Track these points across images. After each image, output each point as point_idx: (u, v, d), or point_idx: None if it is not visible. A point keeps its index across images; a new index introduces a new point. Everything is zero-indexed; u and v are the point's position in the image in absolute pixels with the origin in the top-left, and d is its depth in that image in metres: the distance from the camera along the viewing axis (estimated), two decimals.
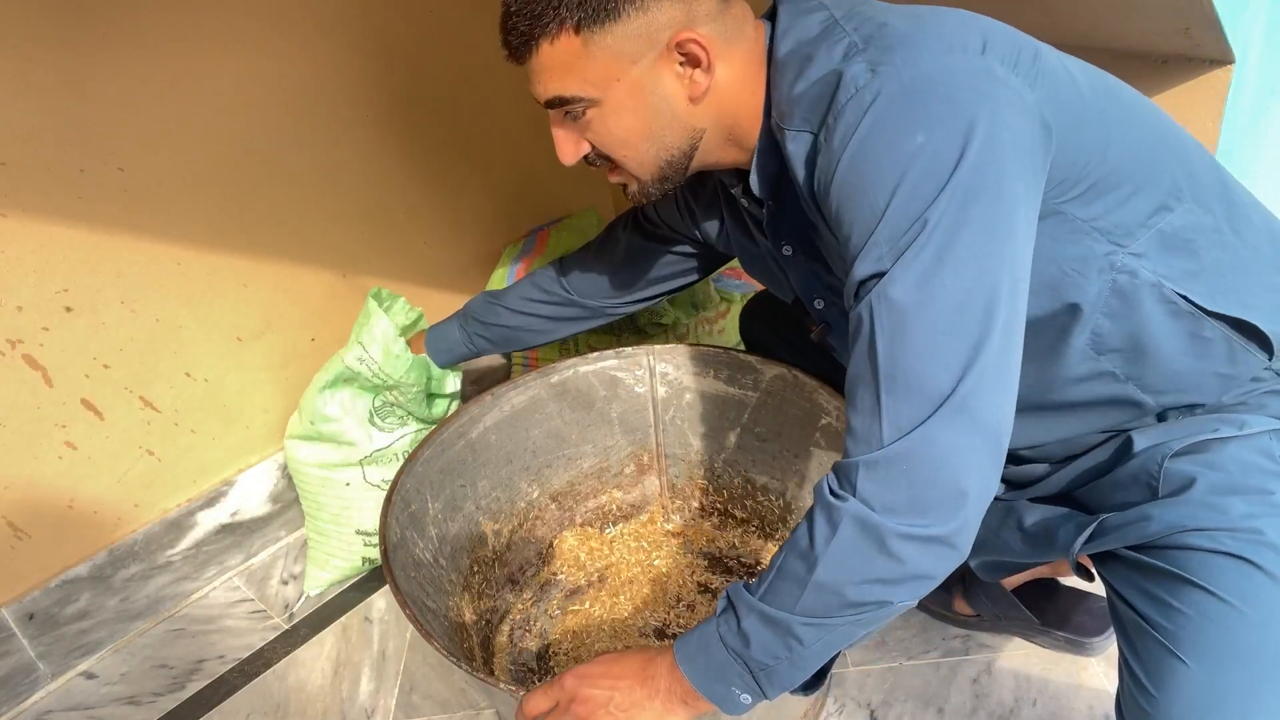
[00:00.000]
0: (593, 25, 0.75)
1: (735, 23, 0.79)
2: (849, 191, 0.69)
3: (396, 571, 1.01)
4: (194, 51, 1.24)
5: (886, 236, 0.66)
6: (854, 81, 0.69)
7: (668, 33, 0.76)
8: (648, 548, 1.41)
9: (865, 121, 0.68)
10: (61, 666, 1.34)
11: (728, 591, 0.76)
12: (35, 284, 1.18)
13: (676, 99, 0.80)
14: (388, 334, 1.29)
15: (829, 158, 0.70)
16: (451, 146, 1.64)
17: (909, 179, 0.66)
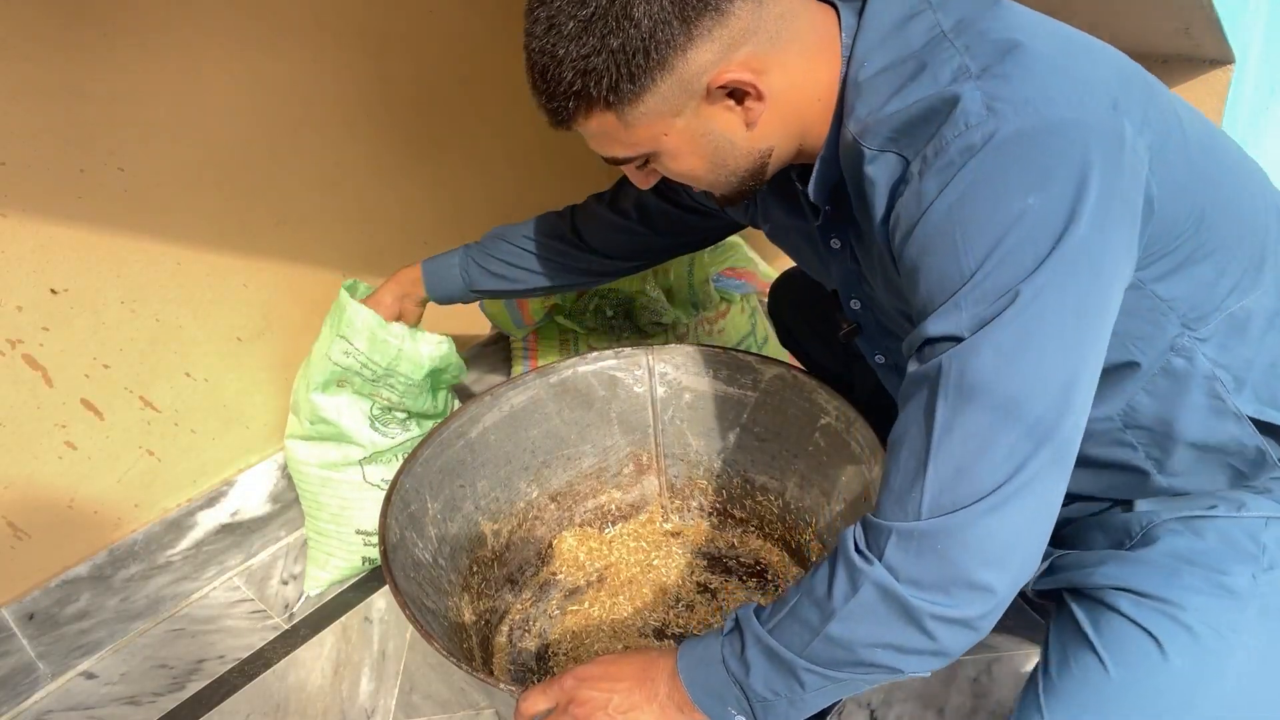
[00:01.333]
0: (621, 103, 0.70)
1: (779, 20, 0.70)
2: (938, 242, 0.63)
3: (396, 571, 1.01)
4: (194, 51, 1.24)
5: (971, 301, 0.61)
6: (965, 116, 0.62)
7: (703, 79, 0.69)
8: (647, 548, 1.41)
9: (971, 168, 0.61)
10: (61, 666, 1.34)
11: (738, 613, 0.74)
12: (35, 284, 1.18)
13: (733, 131, 0.74)
14: (369, 321, 1.27)
15: (919, 198, 0.64)
16: (451, 146, 1.64)
17: (1008, 244, 0.60)
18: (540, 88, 0.73)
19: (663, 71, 0.68)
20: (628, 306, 1.56)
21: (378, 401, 1.37)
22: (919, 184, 0.64)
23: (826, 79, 0.73)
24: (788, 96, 0.73)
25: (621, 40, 0.66)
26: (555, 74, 0.70)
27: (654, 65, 0.67)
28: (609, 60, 0.67)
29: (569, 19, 0.67)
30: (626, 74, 0.67)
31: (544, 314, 1.64)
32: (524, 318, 1.65)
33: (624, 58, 0.66)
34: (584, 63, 0.67)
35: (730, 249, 1.72)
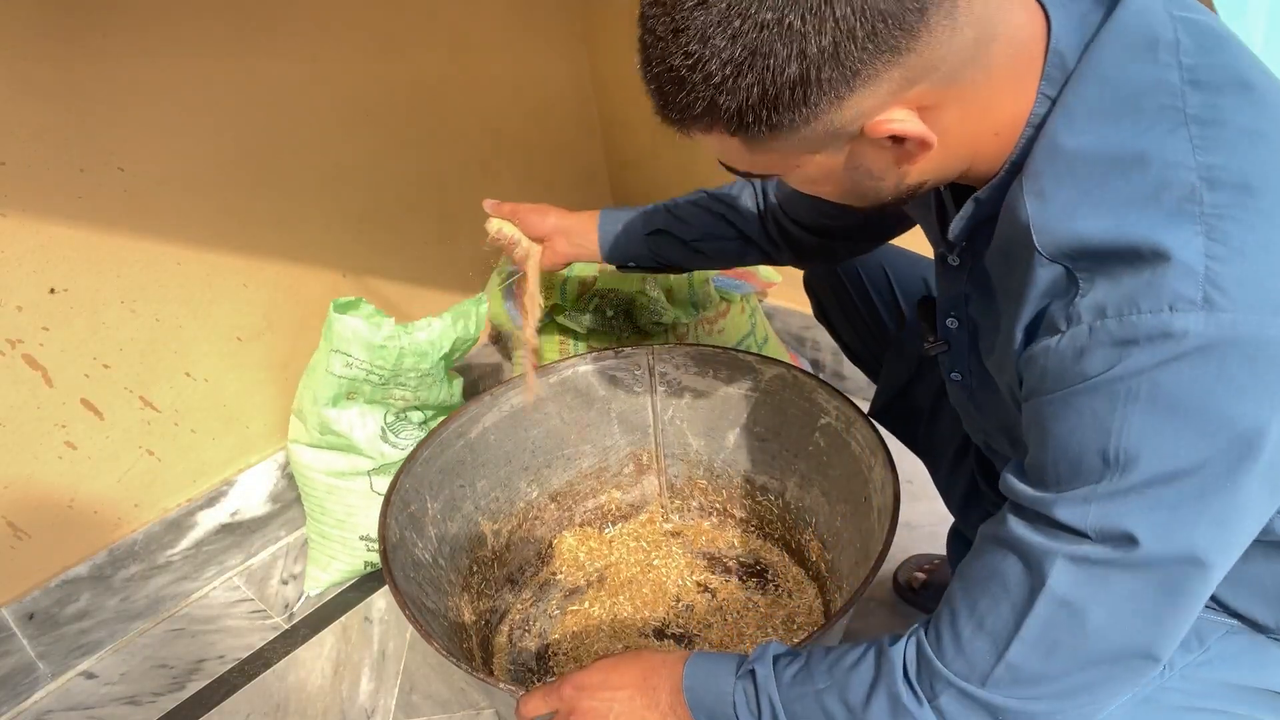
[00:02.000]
0: (749, 137, 0.58)
1: (972, 46, 0.55)
2: (1088, 419, 0.54)
3: (396, 572, 1.01)
4: (194, 52, 1.24)
5: (1103, 502, 0.54)
6: (1173, 294, 0.50)
7: (857, 125, 0.57)
8: (647, 547, 1.41)
9: (1153, 364, 0.51)
10: (61, 666, 1.34)
11: (755, 659, 0.71)
12: (35, 284, 1.18)
13: (883, 169, 0.62)
14: (359, 330, 1.28)
15: (1080, 360, 0.54)
16: (451, 146, 1.64)
17: (1163, 466, 0.52)
18: (654, 94, 0.60)
19: (808, 119, 0.56)
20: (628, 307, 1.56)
21: (392, 407, 1.37)
22: (1086, 341, 0.53)
23: (1012, 112, 0.59)
24: (958, 130, 0.59)
25: (769, 81, 0.53)
26: (674, 95, 0.58)
27: (797, 110, 0.55)
28: (744, 96, 0.55)
29: (699, 38, 0.54)
30: (764, 114, 0.56)
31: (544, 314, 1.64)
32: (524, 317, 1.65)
33: (761, 95, 0.54)
34: (717, 86, 0.55)
35: None
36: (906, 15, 0.51)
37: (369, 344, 1.29)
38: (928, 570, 1.30)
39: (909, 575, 1.31)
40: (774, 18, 0.51)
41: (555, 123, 1.81)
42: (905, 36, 0.52)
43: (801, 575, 1.32)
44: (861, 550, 1.08)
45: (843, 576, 1.17)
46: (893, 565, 1.34)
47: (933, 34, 0.53)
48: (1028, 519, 0.59)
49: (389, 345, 1.29)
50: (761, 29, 0.51)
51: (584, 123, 1.88)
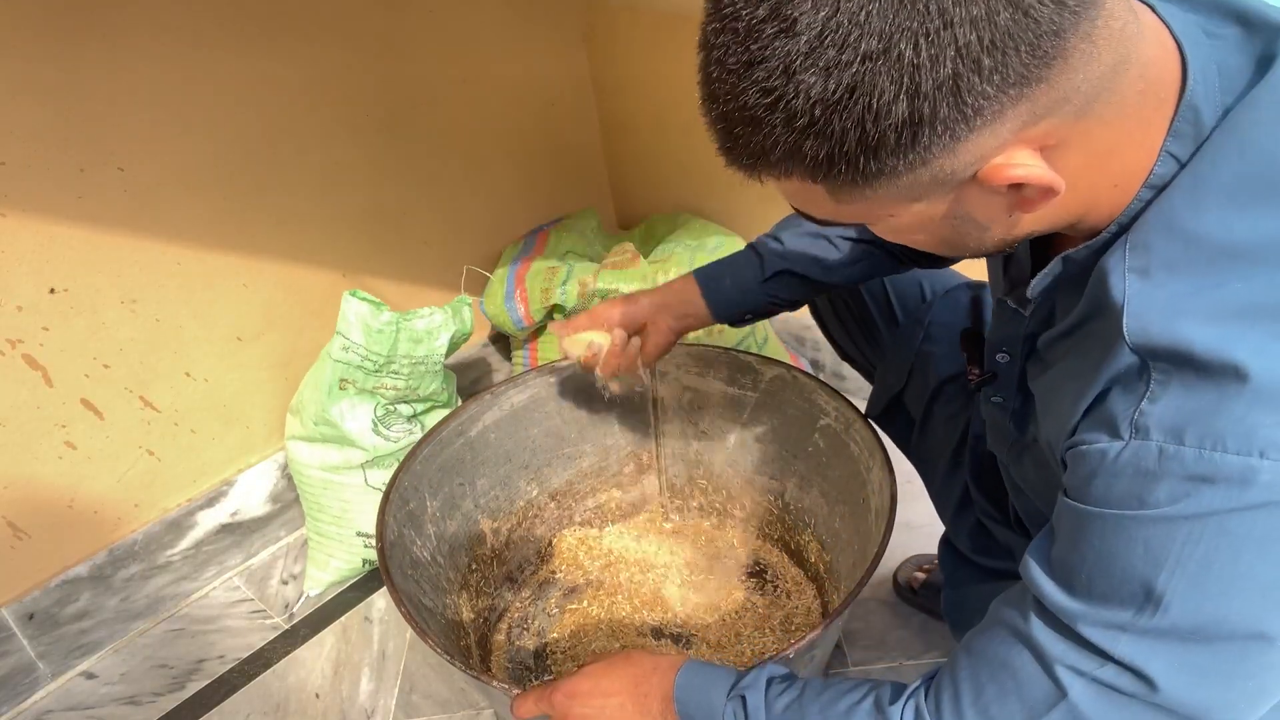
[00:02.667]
0: (836, 185, 0.50)
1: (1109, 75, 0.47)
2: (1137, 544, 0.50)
3: (393, 569, 1.01)
4: (194, 51, 1.24)
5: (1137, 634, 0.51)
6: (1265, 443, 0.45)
7: (970, 170, 0.48)
8: (646, 547, 1.41)
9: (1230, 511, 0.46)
10: (61, 666, 1.34)
11: (749, 685, 0.70)
12: (35, 284, 1.18)
13: (992, 217, 0.53)
14: (360, 313, 1.32)
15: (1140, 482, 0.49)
16: (451, 146, 1.64)
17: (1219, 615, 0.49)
18: (720, 135, 0.51)
19: (913, 165, 0.47)
20: None
21: (382, 398, 1.38)
22: (1155, 465, 0.48)
23: (1133, 163, 0.51)
24: (1078, 177, 0.50)
25: (871, 121, 0.45)
26: (747, 137, 0.49)
27: (901, 160, 0.47)
28: (835, 146, 0.46)
29: (782, 71, 0.44)
30: (859, 164, 0.47)
31: (544, 314, 1.64)
32: (524, 318, 1.65)
33: (858, 146, 0.46)
34: (795, 138, 0.47)
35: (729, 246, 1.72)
36: (1042, 40, 0.43)
37: (367, 327, 1.32)
38: (927, 570, 1.30)
39: (908, 575, 1.31)
40: (880, 46, 0.42)
41: (555, 123, 1.81)
42: (1039, 64, 0.44)
43: (800, 576, 1.32)
44: (860, 551, 1.07)
45: (841, 577, 1.17)
46: (892, 565, 1.34)
47: (1068, 60, 0.45)
48: (1050, 624, 0.55)
49: (386, 330, 1.32)
50: (864, 60, 0.42)
51: (584, 123, 1.88)
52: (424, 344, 1.37)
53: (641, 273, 1.56)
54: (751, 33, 0.45)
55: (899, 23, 0.42)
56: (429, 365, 1.39)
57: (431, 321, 1.37)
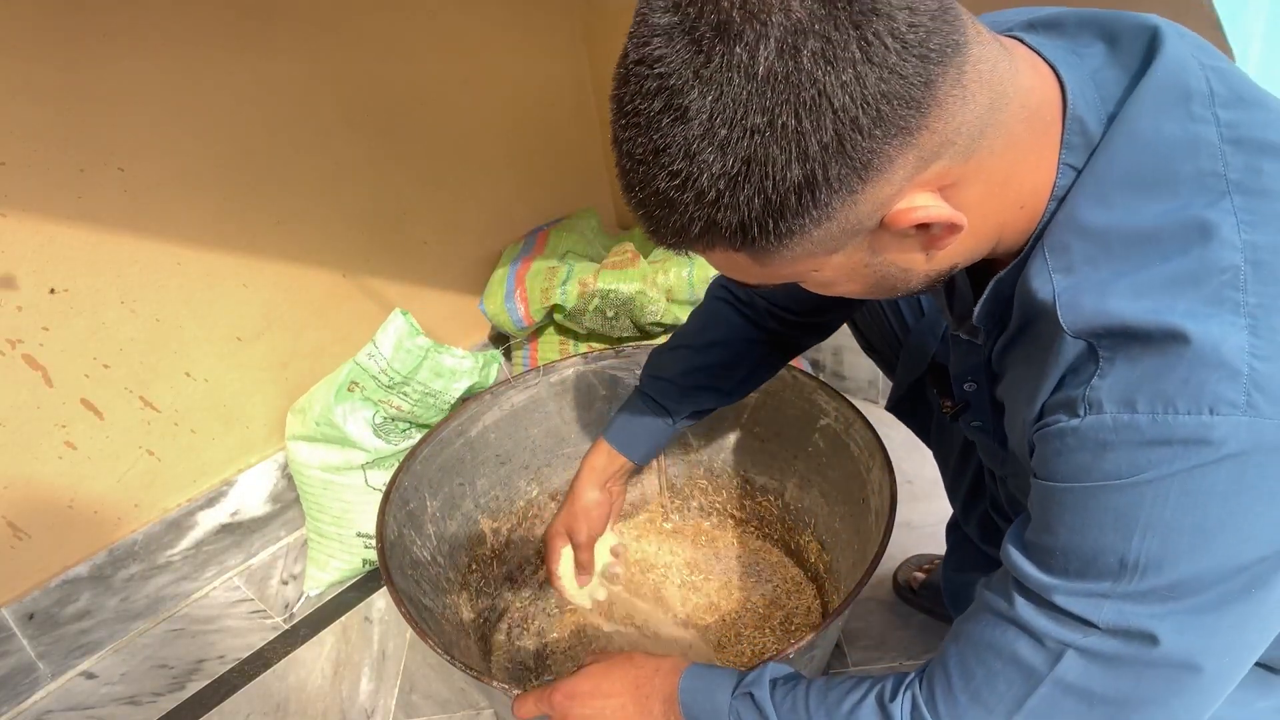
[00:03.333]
0: (754, 251, 0.53)
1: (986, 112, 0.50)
2: (1109, 516, 0.51)
3: (393, 569, 1.01)
4: (194, 51, 1.24)
5: (1117, 600, 0.52)
6: (1214, 400, 0.47)
7: (875, 218, 0.52)
8: (646, 547, 1.41)
9: (1189, 470, 0.48)
10: (61, 666, 1.34)
11: (753, 682, 0.70)
12: (35, 284, 1.18)
13: (909, 260, 0.57)
14: (399, 329, 1.36)
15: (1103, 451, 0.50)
16: (451, 146, 1.64)
17: (1184, 571, 0.50)
18: (643, 220, 0.54)
19: (819, 221, 0.50)
20: (628, 306, 1.56)
21: (383, 409, 1.39)
22: (1111, 436, 0.50)
23: (1034, 183, 0.54)
24: (982, 207, 0.54)
25: (770, 189, 0.48)
26: (666, 219, 0.52)
27: (807, 218, 0.50)
28: (741, 215, 0.50)
29: (683, 155, 0.48)
30: (767, 229, 0.50)
31: (544, 314, 1.64)
32: (524, 318, 1.65)
33: (762, 211, 0.49)
34: (710, 211, 0.50)
35: None
36: (912, 91, 0.47)
37: (399, 344, 1.36)
38: (927, 570, 1.30)
39: (908, 575, 1.31)
40: (765, 121, 0.46)
41: (555, 123, 1.81)
42: (915, 114, 0.47)
43: (800, 576, 1.32)
44: (860, 551, 1.08)
45: (841, 577, 1.17)
46: (892, 565, 1.34)
47: (943, 107, 0.48)
48: (1033, 601, 0.56)
49: (414, 352, 1.37)
50: (753, 134, 0.46)
51: (584, 123, 1.88)
52: (444, 380, 1.41)
53: (642, 272, 1.56)
54: (651, 125, 0.48)
55: (778, 98, 0.45)
56: (439, 401, 1.42)
57: (460, 364, 1.42)
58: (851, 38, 0.45)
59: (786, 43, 0.45)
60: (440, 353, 1.41)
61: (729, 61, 0.45)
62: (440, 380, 1.41)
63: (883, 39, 0.45)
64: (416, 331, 1.39)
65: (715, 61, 0.46)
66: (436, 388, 1.41)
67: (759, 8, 0.45)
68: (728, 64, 0.45)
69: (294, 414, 1.45)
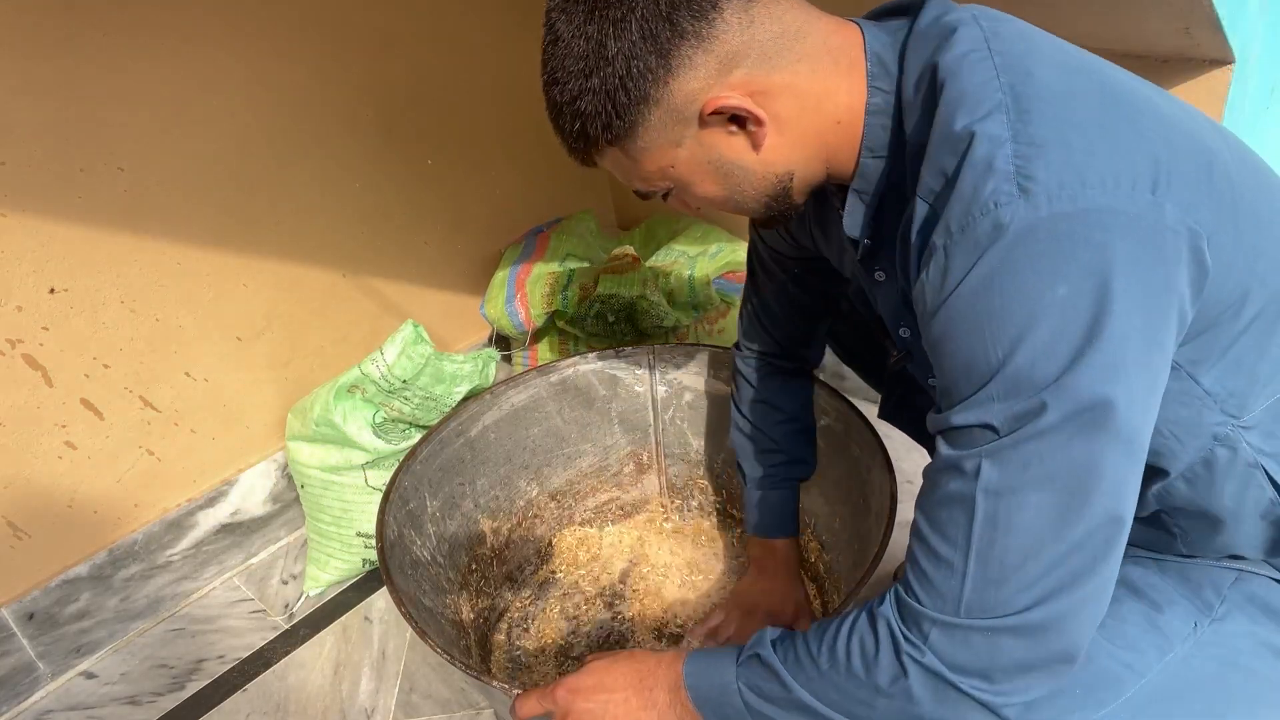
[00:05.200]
0: (619, 140, 0.69)
1: (777, 39, 0.66)
2: (964, 328, 0.60)
3: (393, 569, 1.01)
4: (194, 51, 1.24)
5: (1003, 393, 0.58)
6: (995, 193, 0.57)
7: (693, 107, 0.67)
8: (646, 547, 1.41)
9: (998, 253, 0.57)
10: (61, 666, 1.34)
11: (754, 644, 0.72)
12: (35, 284, 1.18)
13: (741, 155, 0.70)
14: (406, 337, 1.37)
15: (944, 275, 0.60)
16: (452, 147, 1.64)
17: (1039, 336, 0.57)
18: (558, 135, 0.72)
19: (647, 104, 0.66)
20: (629, 310, 1.56)
21: (383, 411, 1.39)
22: (945, 259, 0.60)
23: (847, 101, 0.69)
24: (799, 119, 0.69)
25: (600, 80, 0.65)
26: (558, 119, 0.70)
27: (636, 100, 0.66)
28: (594, 101, 0.66)
29: (560, 66, 0.67)
30: (614, 112, 0.67)
31: (545, 319, 1.64)
32: (525, 322, 1.65)
33: (605, 96, 0.66)
34: (575, 105, 0.67)
35: (730, 252, 1.72)
36: (699, 7, 0.63)
37: (403, 350, 1.37)
38: None
39: None
40: (596, 29, 0.64)
41: None
42: (701, 23, 0.63)
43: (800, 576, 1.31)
44: (860, 551, 1.08)
45: (841, 577, 1.17)
46: (892, 565, 1.34)
47: (727, 22, 0.64)
48: (949, 439, 0.63)
49: (415, 359, 1.38)
50: (587, 40, 0.64)
51: None
52: (444, 385, 1.43)
53: (642, 276, 1.56)
54: (547, 52, 0.67)
55: (602, 15, 0.64)
56: (439, 405, 1.43)
57: (460, 370, 1.44)
58: None
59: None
60: (441, 360, 1.42)
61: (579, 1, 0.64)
62: (441, 385, 1.42)
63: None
64: (421, 340, 1.40)
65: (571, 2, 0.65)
66: (437, 392, 1.41)
67: None
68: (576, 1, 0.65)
69: (294, 414, 1.45)
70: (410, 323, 1.40)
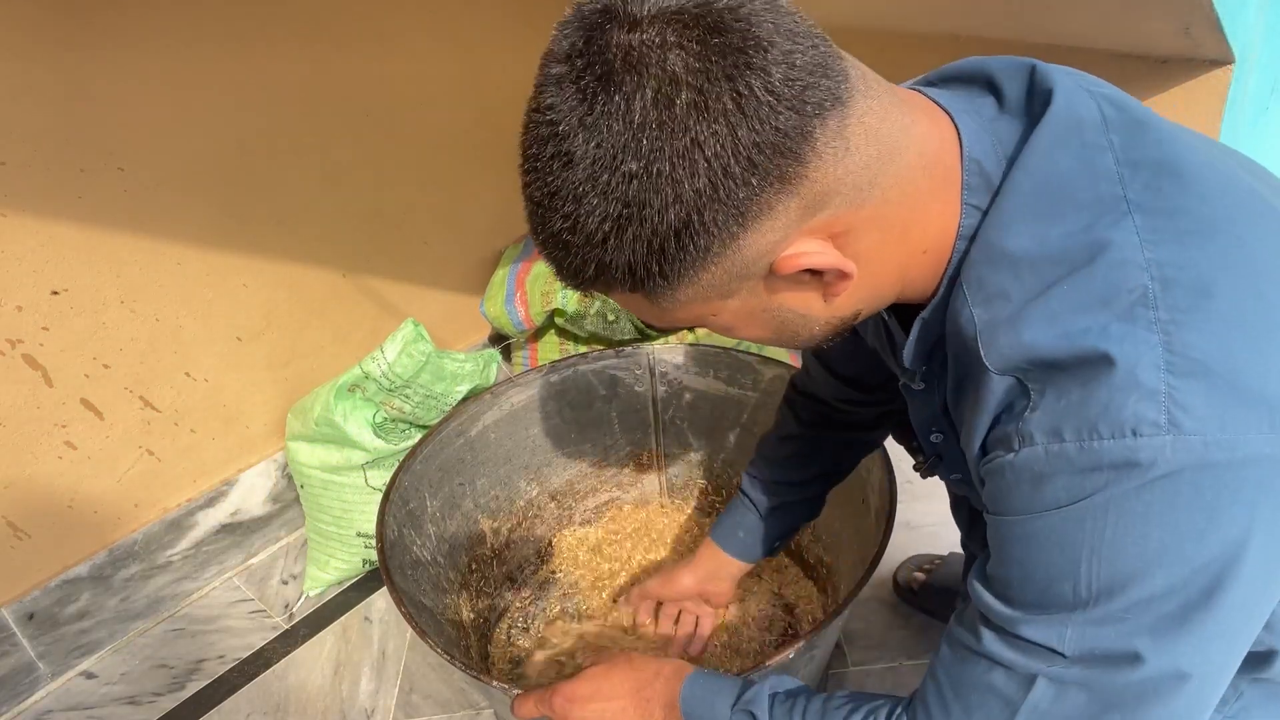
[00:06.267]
0: (647, 290, 0.54)
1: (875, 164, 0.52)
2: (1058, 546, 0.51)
3: (393, 569, 1.01)
4: (194, 51, 1.24)
5: (1081, 628, 0.52)
6: (1134, 420, 0.47)
7: (763, 263, 0.53)
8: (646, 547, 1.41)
9: (1122, 493, 0.48)
10: (61, 666, 1.34)
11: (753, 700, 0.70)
12: (35, 284, 1.18)
13: (808, 306, 0.58)
14: (406, 336, 1.37)
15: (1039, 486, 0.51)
16: (452, 146, 1.64)
17: (1144, 591, 0.50)
18: (548, 260, 0.57)
19: (704, 265, 0.52)
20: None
21: (383, 410, 1.39)
22: (1044, 466, 0.50)
23: (939, 227, 0.56)
24: (880, 255, 0.55)
25: (650, 232, 0.50)
26: (563, 260, 0.55)
27: (692, 259, 0.51)
28: (634, 255, 0.51)
29: (579, 201, 0.51)
30: (654, 270, 0.52)
31: (545, 317, 1.64)
32: (524, 321, 1.65)
33: (652, 253, 0.51)
34: (597, 254, 0.52)
35: None
36: (787, 142, 0.48)
37: (404, 348, 1.37)
38: (927, 570, 1.30)
39: (909, 576, 1.31)
40: (640, 167, 0.48)
41: None
42: (792, 163, 0.49)
43: (800, 575, 1.32)
44: (860, 551, 1.07)
45: (841, 577, 1.17)
46: (892, 565, 1.34)
47: (822, 159, 0.49)
48: (998, 634, 0.56)
49: (416, 357, 1.38)
50: (630, 179, 0.48)
51: None
52: (445, 384, 1.43)
53: None
54: (545, 169, 0.52)
55: (653, 145, 0.47)
56: (440, 403, 1.43)
57: (461, 368, 1.44)
58: (725, 89, 0.47)
59: (662, 92, 0.47)
60: (442, 358, 1.42)
61: (609, 110, 0.48)
62: (442, 384, 1.42)
63: (755, 91, 0.47)
64: (421, 338, 1.40)
65: (597, 109, 0.48)
66: (438, 390, 1.41)
67: (639, 59, 0.47)
68: (608, 112, 0.48)
69: (294, 414, 1.45)
70: (410, 321, 1.40)
